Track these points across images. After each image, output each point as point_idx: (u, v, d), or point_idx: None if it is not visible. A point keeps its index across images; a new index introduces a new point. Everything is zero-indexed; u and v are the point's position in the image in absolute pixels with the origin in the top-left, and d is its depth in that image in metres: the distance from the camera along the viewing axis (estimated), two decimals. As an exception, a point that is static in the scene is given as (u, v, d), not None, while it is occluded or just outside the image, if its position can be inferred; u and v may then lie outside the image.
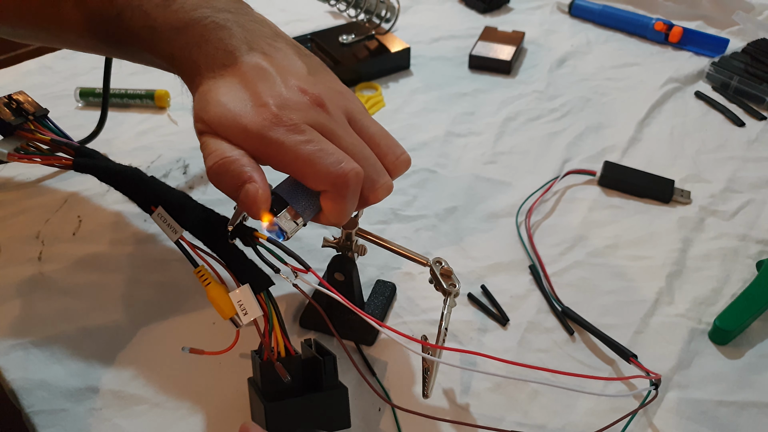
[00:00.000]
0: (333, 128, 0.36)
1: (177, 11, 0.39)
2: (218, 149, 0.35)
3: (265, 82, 0.36)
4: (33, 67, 0.75)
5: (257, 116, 0.35)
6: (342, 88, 0.40)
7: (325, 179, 0.34)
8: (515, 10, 0.85)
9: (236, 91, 0.36)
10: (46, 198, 0.57)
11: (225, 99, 0.36)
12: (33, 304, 0.48)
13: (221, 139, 0.36)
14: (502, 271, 0.50)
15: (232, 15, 0.40)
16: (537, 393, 0.42)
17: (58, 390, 0.42)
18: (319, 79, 0.39)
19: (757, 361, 0.44)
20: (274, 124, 0.34)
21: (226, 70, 0.37)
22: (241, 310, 0.35)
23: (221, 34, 0.38)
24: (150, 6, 0.40)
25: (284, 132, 0.34)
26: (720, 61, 0.71)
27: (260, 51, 0.38)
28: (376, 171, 0.37)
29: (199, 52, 0.38)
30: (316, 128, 0.35)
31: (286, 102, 0.35)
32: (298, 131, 0.34)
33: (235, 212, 0.36)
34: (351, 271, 0.42)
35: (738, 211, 0.55)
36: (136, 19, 0.40)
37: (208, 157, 0.35)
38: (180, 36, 0.39)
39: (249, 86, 0.36)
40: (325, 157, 0.34)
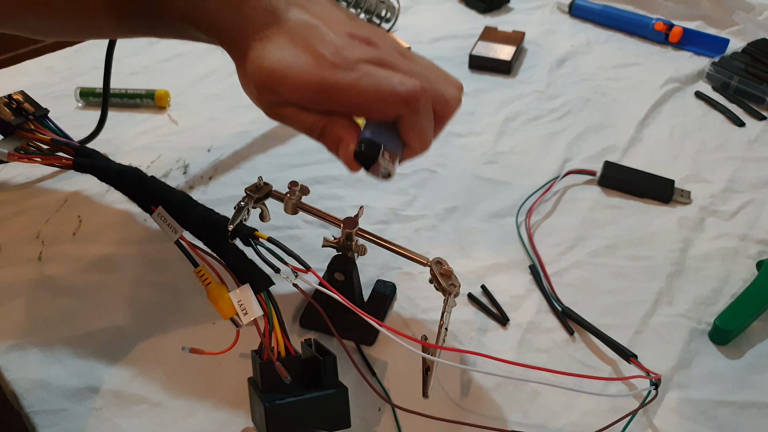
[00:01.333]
0: (388, 59, 0.36)
1: None
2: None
3: (314, 34, 0.36)
4: (33, 67, 0.75)
5: (318, 69, 0.34)
6: (383, 31, 0.40)
7: (394, 102, 0.34)
8: (515, 10, 0.85)
9: (290, 50, 0.36)
10: (47, 198, 0.57)
11: (283, 61, 0.35)
12: (33, 304, 0.48)
13: (293, 105, 0.36)
14: (502, 271, 0.50)
15: None
16: (537, 393, 0.42)
17: (58, 390, 0.42)
18: (360, 23, 0.39)
19: (757, 361, 0.44)
20: (334, 70, 0.34)
21: (271, 29, 0.36)
22: (241, 310, 0.35)
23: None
24: None
25: (344, 73, 0.34)
26: (720, 61, 0.71)
27: (298, 5, 0.38)
28: (442, 84, 0.37)
29: (238, 15, 0.37)
30: (372, 63, 0.35)
31: (340, 48, 0.35)
32: (357, 69, 0.35)
33: (236, 212, 0.36)
34: (351, 271, 0.42)
35: (738, 211, 0.55)
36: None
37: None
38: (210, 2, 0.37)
39: (300, 42, 0.36)
40: (388, 81, 0.34)
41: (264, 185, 0.41)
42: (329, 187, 0.58)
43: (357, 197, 0.57)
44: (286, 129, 0.65)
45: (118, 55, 0.61)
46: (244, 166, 0.61)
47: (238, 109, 0.68)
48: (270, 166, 0.61)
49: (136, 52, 0.76)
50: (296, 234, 0.53)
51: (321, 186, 0.58)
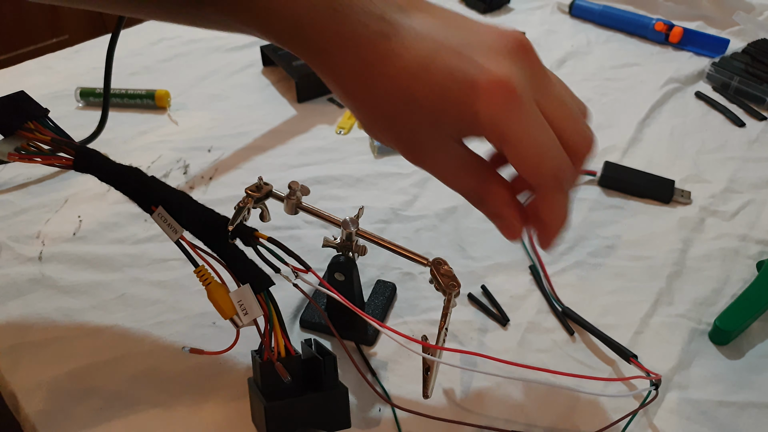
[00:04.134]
0: (542, 86, 0.31)
1: None
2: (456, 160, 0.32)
3: (458, 37, 0.30)
4: (33, 67, 0.75)
5: (485, 91, 0.29)
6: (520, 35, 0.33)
7: (548, 174, 0.31)
8: (515, 10, 0.85)
9: (435, 67, 0.29)
10: (47, 198, 0.57)
11: (418, 82, 0.29)
12: (33, 304, 0.48)
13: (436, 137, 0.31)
14: (502, 271, 0.50)
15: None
16: (537, 393, 0.42)
17: (58, 390, 0.42)
18: (489, 24, 0.33)
19: (757, 361, 0.44)
20: (505, 102, 0.29)
21: (394, 41, 0.30)
22: (241, 310, 0.35)
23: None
24: None
25: (517, 115, 0.29)
26: (720, 62, 0.71)
27: (413, 7, 0.31)
28: (581, 138, 0.32)
29: (342, 18, 0.30)
30: (531, 89, 0.30)
31: (504, 58, 0.30)
32: (528, 111, 0.30)
33: (236, 212, 0.36)
34: (351, 271, 0.42)
35: (738, 212, 0.55)
36: None
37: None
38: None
39: (435, 54, 0.30)
40: (550, 150, 0.30)
41: (264, 185, 0.41)
42: (329, 188, 0.58)
43: (357, 197, 0.57)
44: (286, 129, 0.65)
45: (119, 55, 0.61)
46: (245, 166, 0.61)
47: (238, 109, 0.68)
48: (270, 167, 0.61)
49: (136, 52, 0.76)
50: (296, 234, 0.53)
51: (321, 186, 0.58)
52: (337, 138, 0.64)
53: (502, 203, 0.33)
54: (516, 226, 0.34)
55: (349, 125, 0.65)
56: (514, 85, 0.29)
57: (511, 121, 0.29)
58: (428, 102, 0.30)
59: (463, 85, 0.29)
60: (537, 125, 0.30)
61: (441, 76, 0.29)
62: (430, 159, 0.33)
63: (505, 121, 0.29)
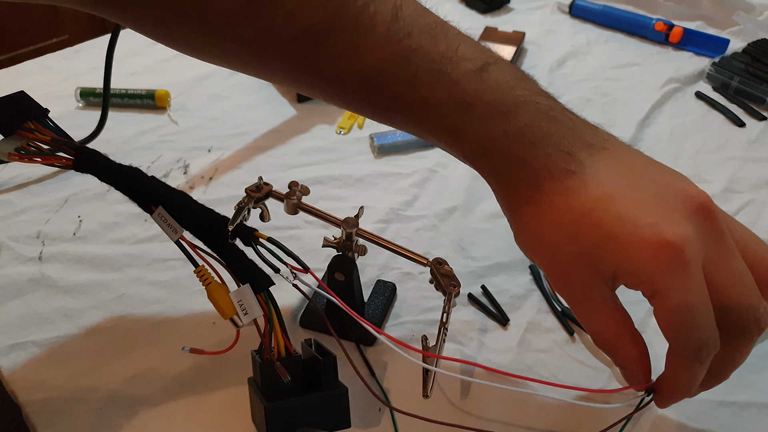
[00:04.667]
0: (717, 255, 0.30)
1: (497, 87, 0.32)
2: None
3: (639, 187, 0.31)
4: (33, 67, 0.75)
5: (651, 248, 0.29)
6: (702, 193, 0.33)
7: (687, 344, 0.30)
8: (516, 11, 0.85)
9: (608, 210, 0.30)
10: (47, 198, 0.57)
11: (587, 220, 0.30)
12: (33, 303, 0.48)
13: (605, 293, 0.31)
14: (502, 271, 0.50)
15: (547, 99, 0.33)
16: (536, 397, 0.42)
17: (58, 390, 0.42)
18: (678, 174, 0.33)
19: (757, 361, 0.43)
20: (669, 263, 0.29)
21: (575, 178, 0.31)
22: (241, 310, 0.35)
23: (552, 126, 0.32)
24: (460, 74, 0.32)
25: (678, 277, 0.29)
26: (720, 62, 0.71)
27: (602, 147, 0.32)
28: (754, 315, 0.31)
29: (531, 149, 0.31)
30: (704, 253, 0.30)
31: (680, 218, 0.30)
32: (692, 275, 0.29)
33: (236, 212, 0.36)
34: (351, 271, 0.42)
35: (738, 212, 0.55)
36: (440, 88, 0.32)
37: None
38: (503, 121, 0.31)
39: (611, 199, 0.30)
40: (703, 323, 0.30)
41: (264, 185, 0.41)
42: (329, 188, 0.58)
43: (357, 197, 0.57)
44: (286, 129, 0.65)
45: (119, 55, 0.61)
46: (245, 166, 0.61)
47: (238, 109, 0.68)
48: (270, 166, 0.61)
49: (136, 52, 0.76)
50: (296, 234, 0.53)
51: (321, 186, 0.58)
52: (337, 138, 0.64)
53: (630, 361, 0.33)
54: (639, 380, 0.34)
55: (349, 125, 0.65)
56: (683, 248, 0.29)
57: (669, 279, 0.29)
58: (592, 241, 0.30)
59: (631, 236, 0.29)
60: (695, 291, 0.29)
61: (611, 222, 0.30)
62: (574, 291, 0.33)
63: (662, 279, 0.29)
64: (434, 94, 0.33)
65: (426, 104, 0.33)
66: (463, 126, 0.33)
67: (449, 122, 0.33)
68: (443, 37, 0.34)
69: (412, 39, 0.33)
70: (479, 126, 0.32)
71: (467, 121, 0.32)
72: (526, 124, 0.32)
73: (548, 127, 0.32)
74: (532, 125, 0.32)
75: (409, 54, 0.33)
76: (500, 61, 0.34)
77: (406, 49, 0.33)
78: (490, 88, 0.32)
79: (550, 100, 0.34)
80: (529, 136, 0.32)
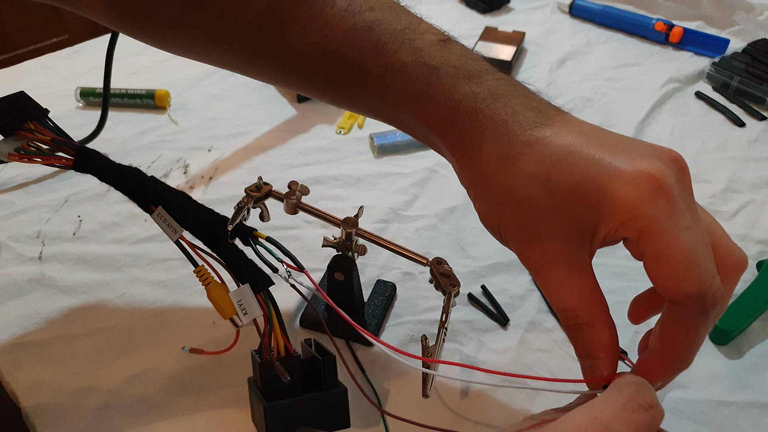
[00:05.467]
0: (693, 205, 0.29)
1: (461, 56, 0.32)
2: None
3: (611, 137, 0.30)
4: (33, 66, 0.75)
5: (632, 179, 0.27)
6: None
7: (695, 288, 0.26)
8: (515, 10, 0.85)
9: (582, 154, 0.29)
10: (47, 198, 0.57)
11: (559, 167, 0.29)
12: (33, 303, 0.48)
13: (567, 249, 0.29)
14: (502, 271, 0.50)
15: (506, 75, 0.33)
16: (536, 395, 0.42)
17: (58, 390, 0.42)
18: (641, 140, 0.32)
19: (757, 361, 0.44)
20: (653, 192, 0.27)
21: (545, 129, 0.30)
22: (241, 310, 0.35)
23: (517, 89, 0.32)
24: (424, 43, 0.32)
25: (666, 209, 0.26)
26: (720, 62, 0.71)
27: (567, 111, 0.32)
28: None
29: (500, 106, 0.31)
30: (682, 200, 0.28)
31: (657, 159, 0.28)
32: (680, 209, 0.27)
33: (235, 212, 0.36)
34: (351, 271, 0.42)
35: (738, 212, 0.55)
36: (404, 53, 0.32)
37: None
38: (471, 82, 0.31)
39: (583, 145, 0.29)
40: (704, 261, 0.27)
41: (264, 185, 0.41)
42: (329, 187, 0.58)
43: (357, 197, 0.57)
44: (286, 129, 0.65)
45: (119, 55, 0.61)
46: (244, 166, 0.61)
47: (238, 109, 0.68)
48: (270, 166, 0.61)
49: (136, 52, 0.76)
50: (296, 234, 0.53)
51: (321, 186, 0.58)
52: (337, 138, 0.64)
53: (601, 346, 0.29)
54: (602, 375, 0.29)
55: (349, 125, 0.65)
56: (664, 180, 0.27)
57: (658, 211, 0.26)
58: (566, 188, 0.28)
59: (607, 173, 0.28)
60: (691, 227, 0.27)
61: (585, 164, 0.28)
62: (544, 257, 0.30)
63: (649, 210, 0.26)
64: (398, 59, 0.32)
65: (389, 70, 0.32)
66: (429, 89, 0.32)
67: (413, 87, 0.32)
68: (405, 13, 0.34)
69: (374, 12, 0.33)
70: (445, 87, 0.31)
71: (433, 84, 0.32)
72: (493, 86, 0.31)
73: (515, 89, 0.31)
74: (499, 86, 0.31)
75: (371, 24, 0.33)
76: (459, 41, 0.35)
77: (368, 20, 0.33)
78: (455, 55, 0.32)
79: (512, 77, 0.33)
80: (496, 95, 0.31)
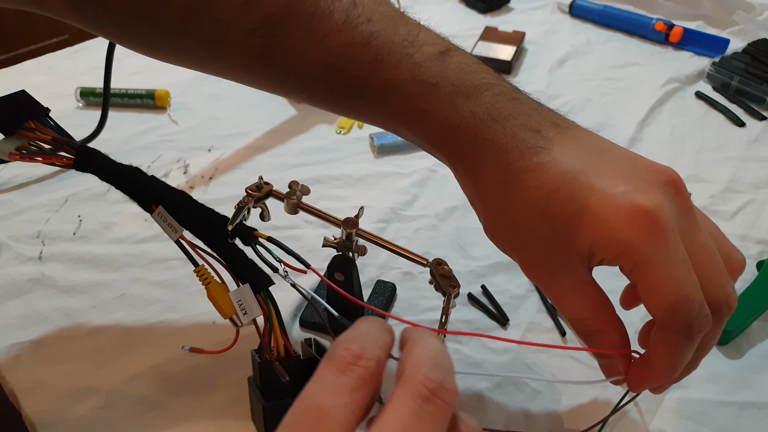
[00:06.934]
0: (690, 227, 0.30)
1: (460, 70, 0.32)
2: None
3: (608, 161, 0.30)
4: (33, 66, 0.75)
5: (627, 214, 0.28)
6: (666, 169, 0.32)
7: (681, 321, 0.28)
8: (516, 10, 0.85)
9: (579, 183, 0.29)
10: (47, 198, 0.57)
11: (558, 195, 0.29)
12: (33, 303, 0.48)
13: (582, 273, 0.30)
14: (502, 271, 0.50)
15: (509, 84, 0.33)
16: (537, 393, 0.42)
17: (58, 390, 0.42)
18: (639, 156, 0.32)
19: (757, 361, 0.44)
20: (647, 229, 0.28)
21: (544, 154, 0.30)
22: (241, 310, 0.35)
23: (518, 106, 0.31)
24: (423, 57, 0.32)
25: (658, 245, 0.28)
26: (720, 62, 0.71)
27: (568, 127, 0.32)
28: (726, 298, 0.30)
29: (499, 128, 0.30)
30: (678, 226, 0.29)
31: (652, 187, 0.29)
32: (672, 244, 0.28)
33: (236, 211, 0.36)
34: (351, 271, 0.42)
35: (738, 212, 0.55)
36: (403, 69, 0.32)
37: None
38: (469, 101, 0.31)
39: (582, 173, 0.29)
40: (692, 295, 0.28)
41: (264, 185, 0.41)
42: (330, 187, 0.58)
43: (357, 197, 0.57)
44: (286, 129, 0.65)
45: (119, 55, 0.61)
46: (245, 166, 0.61)
47: (238, 109, 0.68)
48: (270, 166, 0.61)
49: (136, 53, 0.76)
50: (296, 234, 0.53)
51: (321, 186, 0.58)
52: (337, 138, 0.64)
53: (612, 346, 0.32)
54: (618, 371, 0.32)
55: (349, 125, 0.65)
56: (659, 213, 0.28)
57: (649, 247, 0.28)
58: (564, 216, 0.29)
59: (604, 205, 0.28)
60: (679, 260, 0.28)
61: (582, 193, 0.29)
62: (550, 275, 0.31)
63: (645, 249, 0.28)
64: (397, 76, 0.32)
65: (389, 87, 0.32)
66: (428, 108, 0.32)
67: (413, 105, 0.32)
68: (403, 23, 0.34)
69: (372, 24, 0.33)
70: (445, 107, 0.31)
71: (432, 103, 0.32)
72: (492, 105, 0.31)
73: (514, 107, 0.31)
74: (497, 105, 0.31)
75: (369, 38, 0.32)
76: (460, 48, 0.34)
77: (366, 33, 0.32)
78: (454, 70, 0.32)
79: (512, 86, 0.33)
80: (495, 116, 0.31)
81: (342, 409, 0.22)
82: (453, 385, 0.24)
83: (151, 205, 0.39)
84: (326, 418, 0.22)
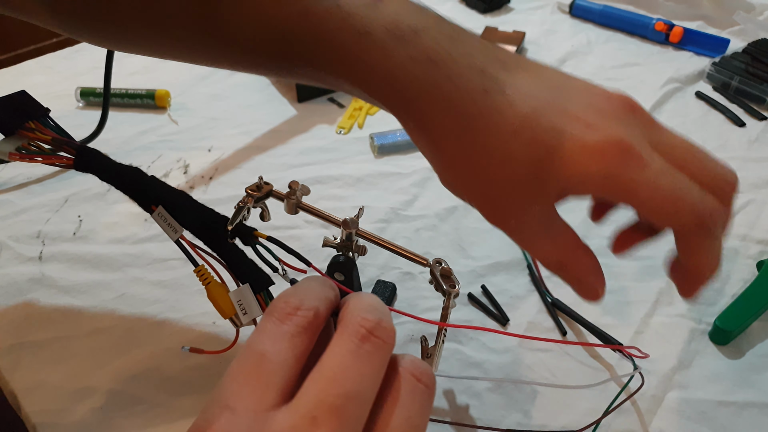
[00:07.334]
0: (661, 139, 0.30)
1: (396, 15, 0.30)
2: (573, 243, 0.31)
3: (564, 98, 0.29)
4: (34, 66, 0.75)
5: (597, 150, 0.28)
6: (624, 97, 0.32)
7: (687, 219, 0.28)
8: (516, 10, 0.85)
9: (541, 125, 0.28)
10: (47, 198, 0.57)
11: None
12: (33, 303, 0.48)
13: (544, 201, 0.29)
14: (502, 271, 0.50)
15: (450, 24, 0.31)
16: (537, 393, 0.42)
17: (58, 390, 0.42)
18: (590, 83, 0.31)
19: (757, 361, 0.44)
20: (620, 158, 0.28)
21: (497, 96, 0.29)
22: (241, 310, 0.35)
23: (460, 47, 0.30)
24: (352, 5, 0.30)
25: (636, 167, 0.28)
26: (720, 61, 0.71)
27: (516, 65, 0.30)
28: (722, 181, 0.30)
29: (443, 71, 0.29)
30: (648, 142, 0.29)
31: (613, 118, 0.29)
32: (651, 161, 0.28)
33: (236, 211, 0.36)
34: (351, 271, 0.42)
35: (738, 211, 0.55)
36: (332, 19, 0.30)
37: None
38: (406, 46, 0.29)
39: (540, 112, 0.28)
40: (689, 192, 0.28)
41: (264, 185, 0.41)
42: (330, 187, 0.58)
43: (357, 197, 0.57)
44: (286, 129, 0.65)
45: (119, 55, 0.61)
46: (245, 166, 0.61)
47: (238, 109, 0.68)
48: (270, 166, 0.61)
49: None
50: (296, 234, 0.53)
51: (321, 186, 0.58)
52: (337, 138, 0.64)
53: (587, 272, 0.32)
54: (598, 291, 0.32)
55: (349, 125, 0.65)
56: (625, 140, 0.28)
57: (633, 173, 0.28)
58: (529, 161, 0.28)
59: (572, 145, 0.28)
60: (664, 170, 0.28)
61: (546, 136, 0.28)
62: (514, 220, 0.31)
63: (626, 175, 0.28)
64: (326, 27, 0.30)
65: (319, 39, 0.30)
66: (364, 57, 0.30)
67: (347, 55, 0.30)
68: None
69: None
70: (380, 55, 0.29)
71: (368, 52, 0.30)
72: (431, 47, 0.29)
73: (456, 48, 0.29)
74: (438, 48, 0.29)
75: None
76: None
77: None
78: (387, 16, 0.30)
79: (454, 25, 0.31)
80: (436, 59, 0.29)
81: (282, 353, 0.24)
82: (390, 325, 0.25)
83: (151, 205, 0.39)
84: (267, 362, 0.24)
